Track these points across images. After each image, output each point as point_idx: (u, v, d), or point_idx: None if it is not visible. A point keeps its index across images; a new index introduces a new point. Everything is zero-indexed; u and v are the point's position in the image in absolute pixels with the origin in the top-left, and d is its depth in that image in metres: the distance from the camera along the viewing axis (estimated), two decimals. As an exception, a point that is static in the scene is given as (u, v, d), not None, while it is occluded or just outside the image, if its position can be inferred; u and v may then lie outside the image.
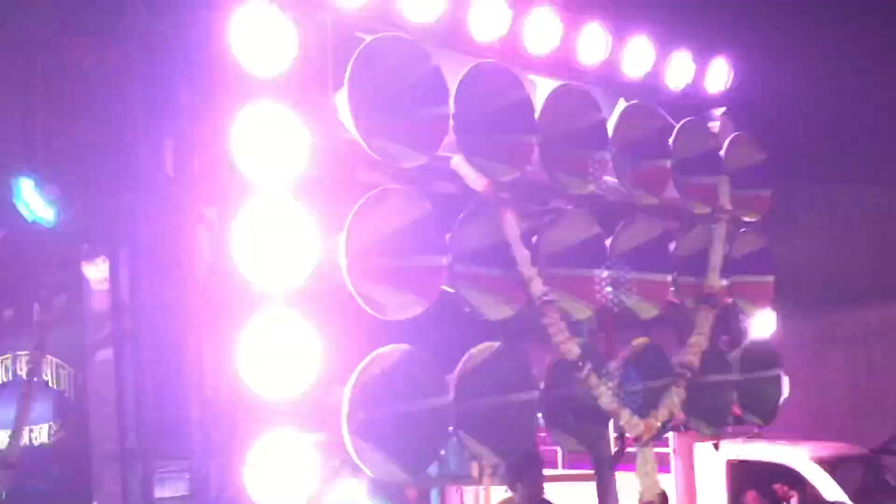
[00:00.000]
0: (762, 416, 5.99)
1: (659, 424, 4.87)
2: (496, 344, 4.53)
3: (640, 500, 4.75)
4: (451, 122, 4.38)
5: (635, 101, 5.38)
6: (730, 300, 5.85)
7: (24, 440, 5.89)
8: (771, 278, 6.15)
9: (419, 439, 4.18)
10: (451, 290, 4.40)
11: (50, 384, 5.89)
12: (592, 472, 5.54)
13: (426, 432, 4.21)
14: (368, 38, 4.23)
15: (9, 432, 5.69)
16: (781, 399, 6.10)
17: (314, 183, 4.02)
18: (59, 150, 5.22)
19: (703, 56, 6.43)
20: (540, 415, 4.73)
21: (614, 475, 5.54)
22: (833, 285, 12.57)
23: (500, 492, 5.84)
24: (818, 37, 12.01)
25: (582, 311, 4.95)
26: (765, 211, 6.17)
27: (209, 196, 4.28)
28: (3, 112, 5.15)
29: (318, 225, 3.98)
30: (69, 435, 5.68)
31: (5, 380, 6.34)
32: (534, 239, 4.76)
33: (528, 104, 4.70)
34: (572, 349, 4.56)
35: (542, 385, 4.72)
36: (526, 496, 5.40)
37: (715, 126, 6.33)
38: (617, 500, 5.53)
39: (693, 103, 6.29)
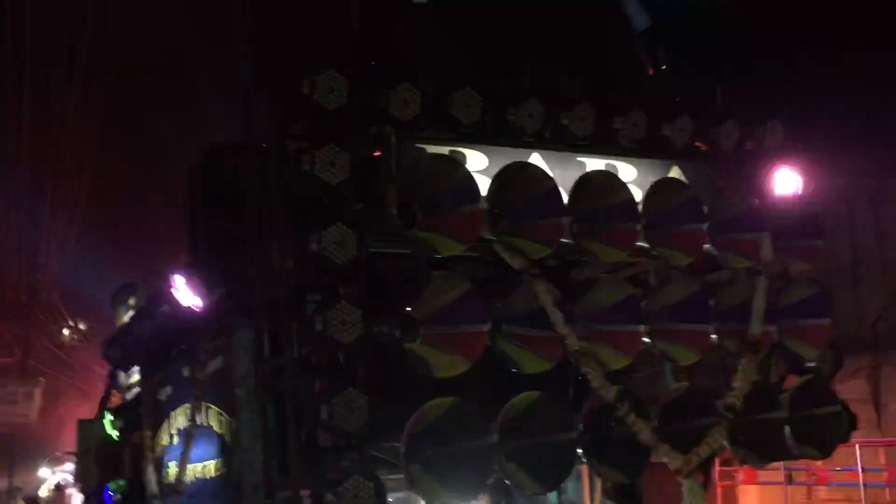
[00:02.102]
0: (820, 450, 6.47)
1: (698, 460, 5.59)
2: (536, 393, 5.48)
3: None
4: (489, 214, 5.42)
5: (665, 178, 6.17)
6: (778, 344, 6.41)
7: (196, 473, 7.43)
8: (827, 321, 6.64)
9: (467, 473, 5.22)
10: (495, 351, 5.42)
11: (215, 429, 7.36)
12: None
13: (473, 467, 5.24)
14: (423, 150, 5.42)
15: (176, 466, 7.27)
16: (842, 434, 6.55)
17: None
18: (209, 249, 6.77)
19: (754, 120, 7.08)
20: (581, 451, 5.60)
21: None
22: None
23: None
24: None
25: (618, 362, 5.79)
26: (816, 260, 6.67)
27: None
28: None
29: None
30: (229, 471, 7.06)
31: (185, 426, 7.89)
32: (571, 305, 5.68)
33: (556, 191, 5.65)
34: (609, 393, 5.43)
35: (581, 426, 5.59)
36: None
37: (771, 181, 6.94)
38: None
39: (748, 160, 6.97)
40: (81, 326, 28.41)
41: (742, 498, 10.09)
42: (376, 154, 5.76)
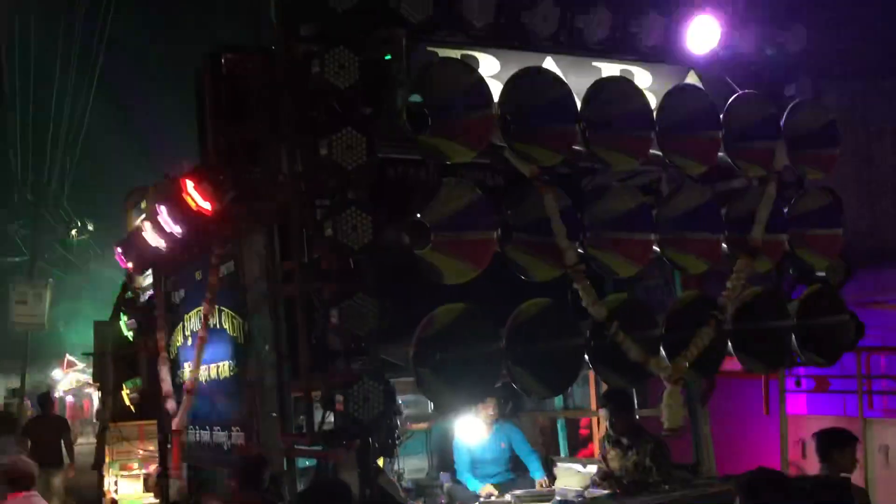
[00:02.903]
0: (825, 357, 6.54)
1: (687, 364, 5.66)
2: (544, 300, 5.52)
3: (665, 428, 5.62)
4: (500, 119, 5.35)
5: (679, 84, 6.05)
6: (786, 253, 6.40)
7: (211, 375, 7.61)
8: (838, 231, 6.61)
9: (476, 377, 5.31)
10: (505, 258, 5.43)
11: (228, 331, 7.49)
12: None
13: (482, 371, 5.33)
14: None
15: (190, 367, 7.43)
16: (847, 341, 6.61)
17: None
18: (221, 150, 6.72)
19: (775, 22, 6.88)
20: (587, 357, 5.67)
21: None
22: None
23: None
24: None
25: (627, 269, 5.81)
26: (830, 169, 6.59)
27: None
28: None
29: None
30: (242, 371, 7.21)
31: (197, 328, 8.03)
32: (580, 213, 5.66)
33: (570, 97, 5.56)
34: (600, 311, 5.47)
35: (588, 332, 5.65)
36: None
37: (791, 89, 6.81)
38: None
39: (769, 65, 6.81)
40: (90, 227, 28.50)
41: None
42: (387, 57, 5.65)
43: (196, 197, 6.21)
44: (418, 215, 5.20)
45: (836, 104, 11.20)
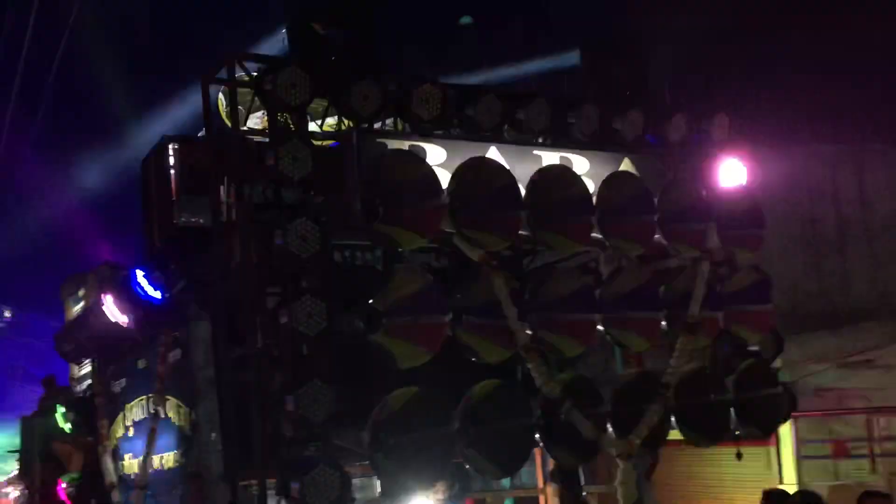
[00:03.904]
0: (762, 429, 6.80)
1: (638, 442, 5.83)
2: (494, 381, 5.65)
3: (619, 506, 5.76)
4: (449, 208, 5.54)
5: (617, 171, 6.38)
6: (722, 329, 6.69)
7: (156, 465, 7.46)
8: (769, 307, 6.94)
9: (430, 460, 5.37)
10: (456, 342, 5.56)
11: (173, 420, 7.39)
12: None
13: (436, 454, 5.39)
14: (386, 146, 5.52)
15: (139, 460, 7.28)
16: (783, 414, 6.89)
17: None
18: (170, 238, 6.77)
19: (702, 112, 7.34)
20: (538, 436, 5.79)
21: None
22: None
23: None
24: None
25: (574, 350, 5.99)
26: (758, 248, 6.96)
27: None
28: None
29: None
30: (189, 460, 7.11)
31: (143, 417, 7.92)
32: (526, 294, 5.85)
33: (514, 185, 5.81)
34: (553, 389, 5.63)
35: (538, 413, 5.78)
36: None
37: (718, 172, 7.21)
38: None
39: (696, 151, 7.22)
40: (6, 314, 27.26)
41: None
42: (338, 150, 5.85)
43: (146, 286, 6.22)
44: (371, 301, 5.32)
45: (778, 170, 11.76)
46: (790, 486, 8.74)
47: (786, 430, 9.25)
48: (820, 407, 9.79)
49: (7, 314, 27.31)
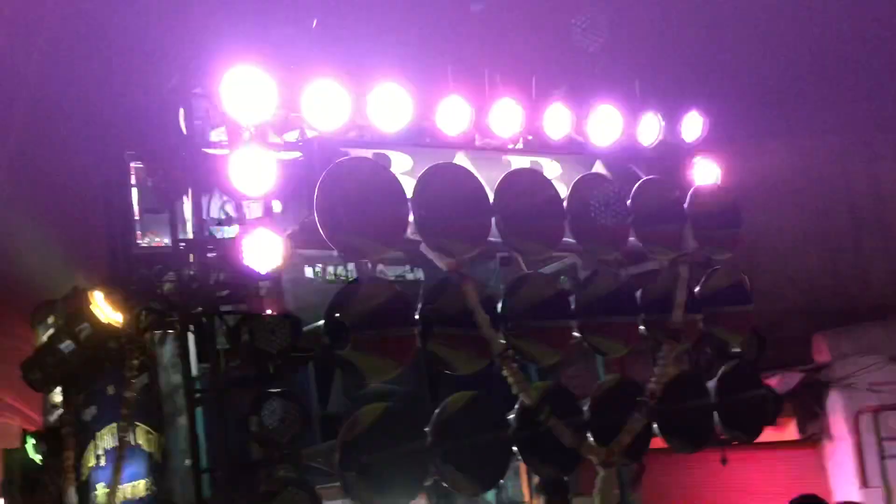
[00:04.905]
0: (747, 433, 6.63)
1: (619, 449, 5.66)
2: (469, 393, 5.47)
3: (599, 516, 5.57)
4: (415, 216, 5.39)
5: (588, 173, 6.24)
6: (703, 332, 6.54)
7: (126, 495, 7.21)
8: (748, 307, 6.80)
9: (403, 477, 5.18)
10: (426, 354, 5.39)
11: (144, 447, 7.16)
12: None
13: (409, 471, 5.20)
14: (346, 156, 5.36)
15: (107, 490, 7.04)
16: (767, 417, 6.73)
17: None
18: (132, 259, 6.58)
19: (674, 112, 7.22)
20: (516, 448, 5.61)
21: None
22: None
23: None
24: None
25: (549, 357, 5.83)
26: (736, 248, 6.83)
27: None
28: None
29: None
30: (160, 489, 6.87)
31: (114, 445, 7.67)
32: (499, 303, 5.69)
33: (481, 190, 5.66)
34: (530, 396, 5.45)
35: (514, 425, 5.60)
36: None
37: (691, 173, 7.09)
38: None
39: (670, 154, 7.10)
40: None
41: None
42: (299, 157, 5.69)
43: (105, 309, 6.01)
44: (337, 315, 5.14)
45: (786, 163, 11.56)
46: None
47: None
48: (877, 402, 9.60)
49: None
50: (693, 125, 7.19)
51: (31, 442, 9.15)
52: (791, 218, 11.70)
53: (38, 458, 9.19)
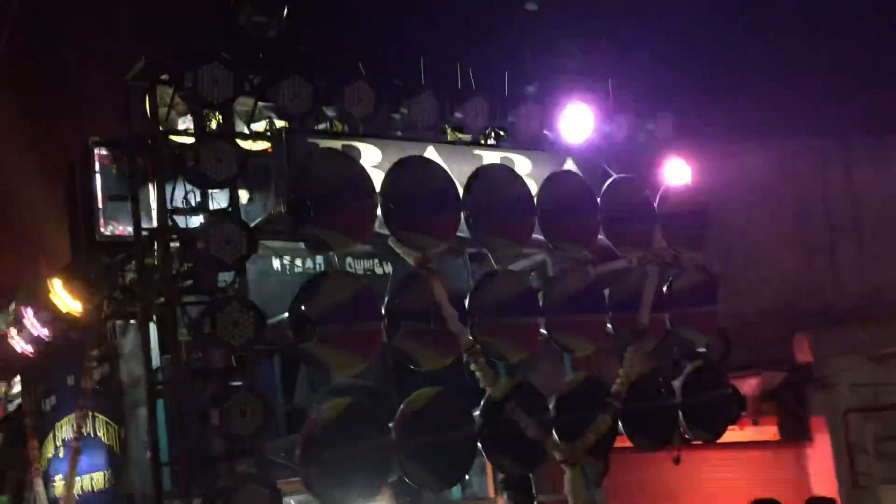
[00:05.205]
0: (711, 432, 6.66)
1: (584, 448, 5.65)
2: (434, 389, 5.42)
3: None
4: (383, 209, 5.32)
5: (559, 170, 6.22)
6: (669, 331, 6.55)
7: (84, 487, 7.09)
8: (715, 308, 6.82)
9: (366, 473, 5.12)
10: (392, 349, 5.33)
11: (103, 439, 7.04)
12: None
13: (373, 467, 5.14)
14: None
15: (62, 480, 6.92)
16: (731, 416, 6.76)
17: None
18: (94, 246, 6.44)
19: (646, 111, 7.21)
20: (480, 445, 5.57)
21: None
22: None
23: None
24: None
25: (517, 355, 5.79)
26: (704, 248, 6.84)
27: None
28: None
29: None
30: (118, 482, 6.76)
31: (72, 436, 7.53)
32: (466, 299, 5.65)
33: (451, 185, 5.61)
34: (497, 391, 5.42)
35: (479, 421, 5.56)
36: None
37: (664, 171, 7.07)
38: None
39: (641, 153, 7.09)
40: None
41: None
42: (267, 149, 5.60)
43: (65, 297, 5.89)
44: (302, 307, 5.06)
45: (764, 164, 11.52)
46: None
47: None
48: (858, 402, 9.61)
49: None
50: (665, 124, 7.19)
51: (-11, 434, 8.97)
52: (768, 219, 11.71)
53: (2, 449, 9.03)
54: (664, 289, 6.58)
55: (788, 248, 11.94)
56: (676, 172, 7.10)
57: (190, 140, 5.49)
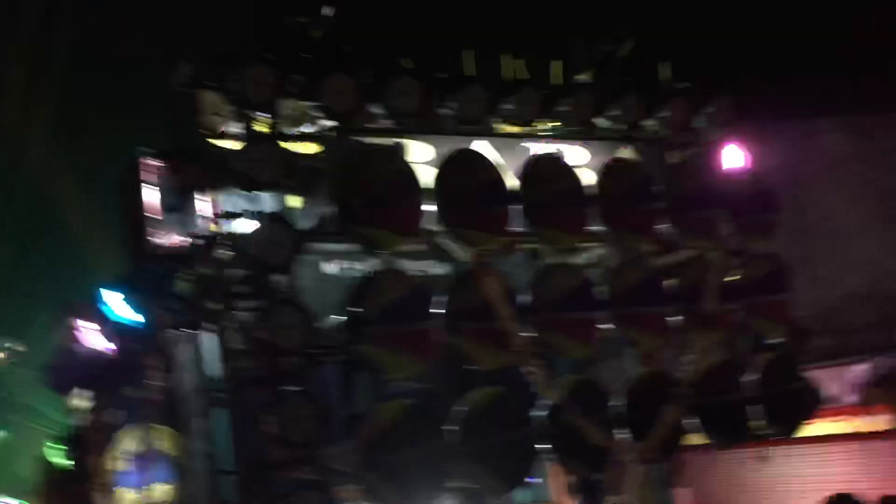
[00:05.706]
0: (786, 427, 6.32)
1: (653, 445, 5.39)
2: (494, 388, 5.24)
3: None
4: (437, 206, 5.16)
5: (614, 159, 5.98)
6: (740, 322, 6.24)
7: (152, 498, 7.09)
8: (788, 297, 6.49)
9: (427, 477, 4.96)
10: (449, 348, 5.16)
11: (166, 450, 7.03)
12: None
13: (434, 470, 4.98)
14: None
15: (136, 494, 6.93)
16: (807, 411, 6.41)
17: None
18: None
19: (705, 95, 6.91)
20: (546, 445, 5.36)
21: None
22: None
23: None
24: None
25: (577, 350, 5.57)
26: (772, 234, 6.52)
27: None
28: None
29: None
30: (186, 491, 6.73)
31: (133, 448, 7.56)
32: (522, 296, 5.45)
33: (500, 179, 5.42)
34: (551, 395, 5.20)
35: (543, 421, 5.36)
36: None
37: (726, 156, 6.77)
38: None
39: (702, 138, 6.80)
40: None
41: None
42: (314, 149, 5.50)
43: (122, 309, 5.88)
44: (354, 310, 4.94)
45: (844, 142, 10.94)
46: None
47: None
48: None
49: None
50: (725, 107, 6.89)
51: (53, 447, 9.08)
52: (849, 199, 11.04)
53: (66, 463, 9.14)
54: (732, 278, 6.27)
55: (873, 229, 11.26)
56: (739, 157, 6.80)
57: (237, 145, 5.44)
